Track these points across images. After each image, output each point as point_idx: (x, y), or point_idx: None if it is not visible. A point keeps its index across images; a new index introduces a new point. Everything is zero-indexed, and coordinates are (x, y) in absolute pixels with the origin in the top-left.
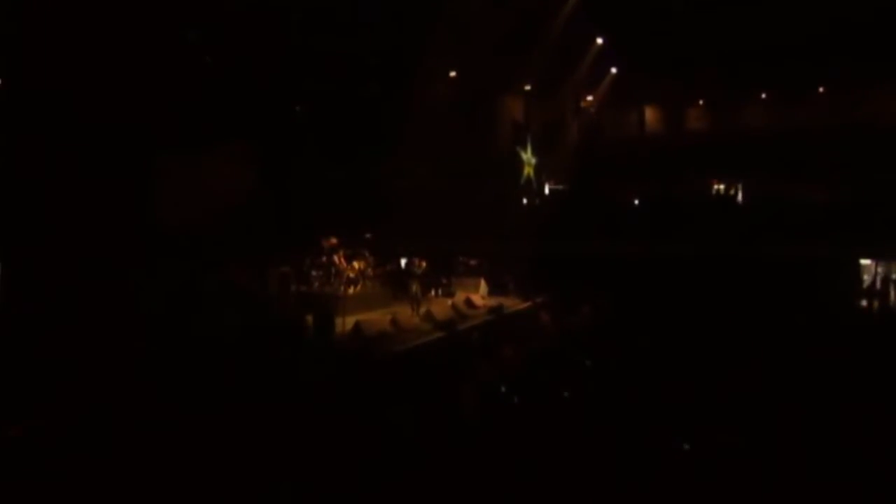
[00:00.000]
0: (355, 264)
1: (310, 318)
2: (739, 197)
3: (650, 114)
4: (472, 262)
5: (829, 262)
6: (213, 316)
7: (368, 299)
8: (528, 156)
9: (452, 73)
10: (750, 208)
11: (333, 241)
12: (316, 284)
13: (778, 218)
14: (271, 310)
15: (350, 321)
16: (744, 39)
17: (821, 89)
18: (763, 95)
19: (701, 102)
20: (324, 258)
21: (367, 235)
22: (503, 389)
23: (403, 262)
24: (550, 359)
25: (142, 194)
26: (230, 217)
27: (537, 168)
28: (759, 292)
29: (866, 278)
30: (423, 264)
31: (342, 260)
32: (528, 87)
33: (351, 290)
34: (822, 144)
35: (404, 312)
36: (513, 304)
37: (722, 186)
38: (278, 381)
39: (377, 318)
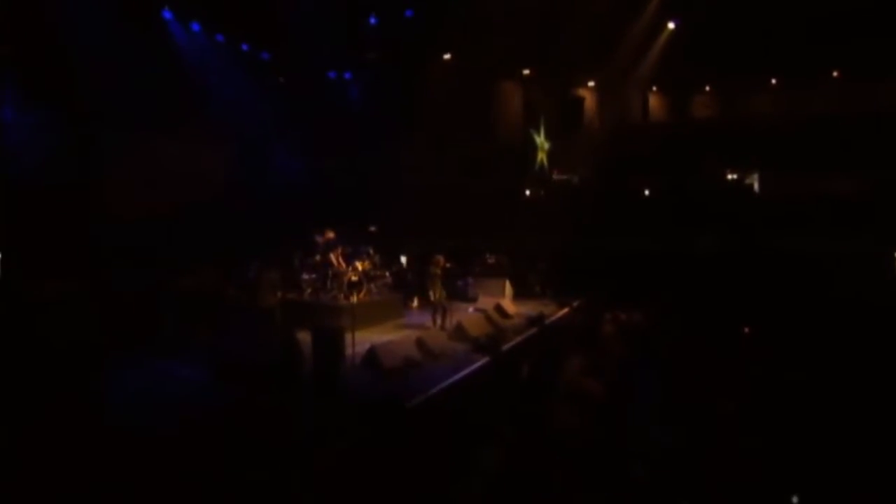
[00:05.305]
0: (358, 264)
1: (307, 341)
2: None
3: (660, 100)
4: (491, 261)
5: (864, 256)
6: (170, 338)
7: (376, 309)
8: (541, 140)
9: (463, 51)
10: (770, 199)
11: (330, 234)
12: (308, 291)
13: (801, 210)
14: (251, 329)
15: (359, 340)
16: (755, 23)
17: (835, 73)
18: (773, 81)
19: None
20: (317, 257)
21: (372, 228)
22: (639, 473)
23: (404, 259)
24: (660, 402)
25: (88, 180)
26: (201, 208)
27: (551, 154)
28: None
29: None
30: (446, 263)
31: (341, 259)
32: (542, 63)
33: (353, 298)
34: (843, 132)
35: (425, 325)
36: (550, 310)
37: (735, 176)
38: (256, 460)
39: (393, 335)
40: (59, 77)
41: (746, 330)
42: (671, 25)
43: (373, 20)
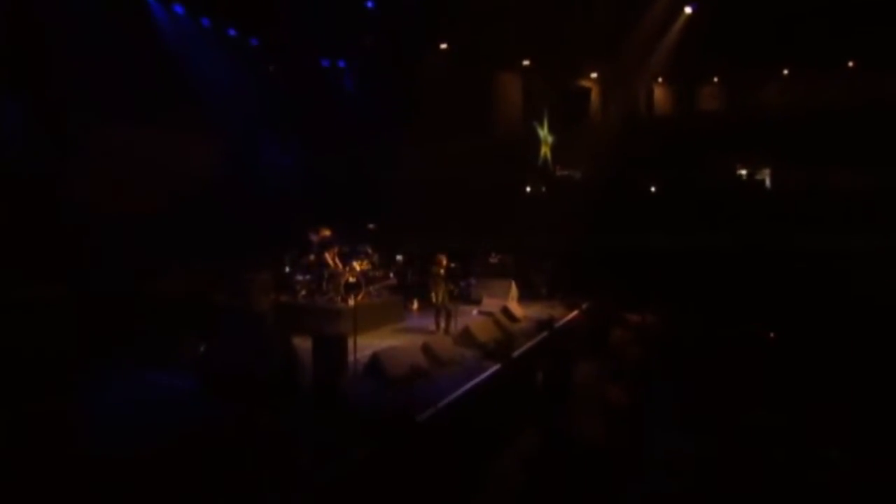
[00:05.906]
0: (355, 265)
1: (302, 347)
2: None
3: (666, 92)
4: (494, 260)
5: (883, 253)
6: (153, 345)
7: (374, 312)
8: (544, 133)
9: (461, 39)
10: (783, 195)
11: (325, 232)
12: (302, 293)
13: (816, 206)
14: (242, 334)
15: (360, 346)
16: (767, 11)
17: (850, 63)
18: (785, 71)
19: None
20: (312, 257)
21: (371, 226)
22: None
23: (400, 259)
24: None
25: (62, 174)
26: (186, 204)
27: (554, 148)
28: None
29: None
30: (450, 263)
31: (337, 259)
32: (544, 53)
33: (351, 301)
34: (859, 124)
35: (428, 329)
36: (558, 312)
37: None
38: (251, 480)
39: (395, 341)
40: (31, 63)
41: (772, 335)
42: (688, 10)
43: (370, 4)
